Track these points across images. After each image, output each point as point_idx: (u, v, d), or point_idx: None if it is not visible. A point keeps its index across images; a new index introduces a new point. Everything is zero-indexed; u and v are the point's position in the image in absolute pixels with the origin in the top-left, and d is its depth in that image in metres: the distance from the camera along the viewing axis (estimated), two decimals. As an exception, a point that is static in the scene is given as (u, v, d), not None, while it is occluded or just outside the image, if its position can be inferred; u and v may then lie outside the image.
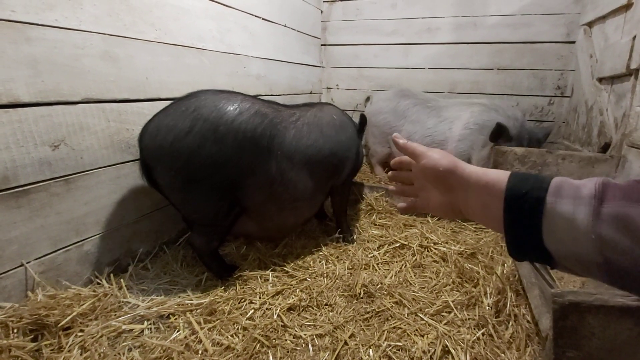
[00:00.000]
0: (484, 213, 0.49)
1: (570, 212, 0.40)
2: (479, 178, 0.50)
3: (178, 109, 1.18)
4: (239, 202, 1.28)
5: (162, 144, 1.13)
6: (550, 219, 0.41)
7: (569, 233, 0.40)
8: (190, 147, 1.13)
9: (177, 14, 1.49)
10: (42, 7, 1.03)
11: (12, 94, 0.98)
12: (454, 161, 0.53)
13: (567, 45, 2.40)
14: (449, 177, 0.53)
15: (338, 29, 2.96)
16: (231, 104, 1.20)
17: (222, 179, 1.19)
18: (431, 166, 0.54)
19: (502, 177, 0.47)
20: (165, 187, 1.24)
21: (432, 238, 1.64)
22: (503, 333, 1.06)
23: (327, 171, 1.47)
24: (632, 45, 1.52)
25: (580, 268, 0.41)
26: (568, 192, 0.41)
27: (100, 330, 0.99)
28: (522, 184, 0.45)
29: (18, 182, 1.02)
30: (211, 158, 1.15)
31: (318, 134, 1.42)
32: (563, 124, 2.53)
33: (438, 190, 0.56)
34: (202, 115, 1.15)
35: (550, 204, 0.41)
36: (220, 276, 1.34)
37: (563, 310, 0.73)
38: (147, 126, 1.20)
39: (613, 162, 1.57)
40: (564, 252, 0.41)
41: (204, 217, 1.27)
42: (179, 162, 1.14)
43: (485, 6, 2.53)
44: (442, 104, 2.28)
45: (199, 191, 1.19)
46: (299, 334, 1.06)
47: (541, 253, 0.43)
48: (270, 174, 1.27)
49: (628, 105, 1.55)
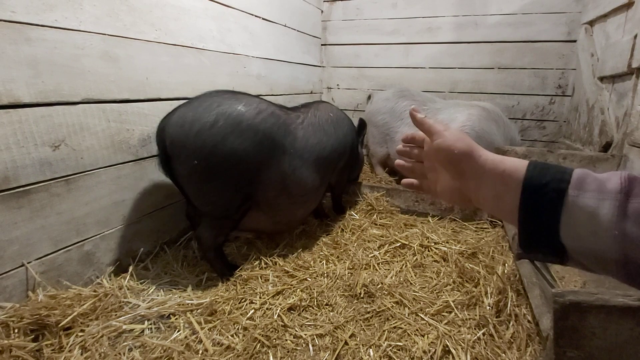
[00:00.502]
0: (497, 204, 0.47)
1: (594, 207, 0.38)
2: (496, 166, 0.46)
3: (201, 104, 1.24)
4: (252, 197, 1.34)
5: (187, 134, 1.19)
6: (570, 213, 0.39)
7: (590, 228, 0.38)
8: (215, 139, 1.19)
9: (177, 14, 1.49)
10: (43, 7, 1.03)
11: (12, 95, 0.99)
12: (471, 145, 0.50)
13: (568, 44, 2.39)
14: (463, 162, 0.49)
15: (338, 29, 2.96)
16: (250, 104, 1.29)
17: (240, 172, 1.26)
18: (446, 147, 0.50)
19: (520, 166, 0.44)
20: (184, 176, 1.27)
21: (432, 238, 1.64)
22: (504, 333, 1.05)
23: (330, 165, 1.60)
24: (633, 44, 1.52)
25: (596, 265, 0.39)
26: (592, 185, 0.39)
27: (100, 330, 0.99)
28: (542, 174, 0.42)
29: (19, 183, 1.02)
30: (233, 151, 1.22)
31: (321, 133, 1.54)
32: (564, 123, 2.52)
33: (449, 173, 0.52)
34: (225, 111, 1.23)
35: (572, 196, 0.39)
36: (222, 274, 1.35)
37: (564, 310, 0.73)
38: (169, 117, 1.25)
39: (614, 161, 1.57)
40: (580, 247, 0.39)
41: (217, 208, 1.30)
42: (203, 152, 1.19)
43: (486, 5, 2.52)
44: (439, 106, 2.27)
45: (217, 182, 1.24)
46: (300, 334, 1.06)
47: (554, 247, 0.41)
48: (283, 171, 1.36)
49: (629, 104, 1.55)
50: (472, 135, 2.02)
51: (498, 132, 2.00)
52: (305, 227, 1.78)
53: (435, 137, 0.53)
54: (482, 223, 1.83)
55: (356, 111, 3.08)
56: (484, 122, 2.02)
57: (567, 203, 0.39)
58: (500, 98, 2.63)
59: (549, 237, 0.41)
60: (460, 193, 0.52)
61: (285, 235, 1.69)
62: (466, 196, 0.51)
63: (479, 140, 1.98)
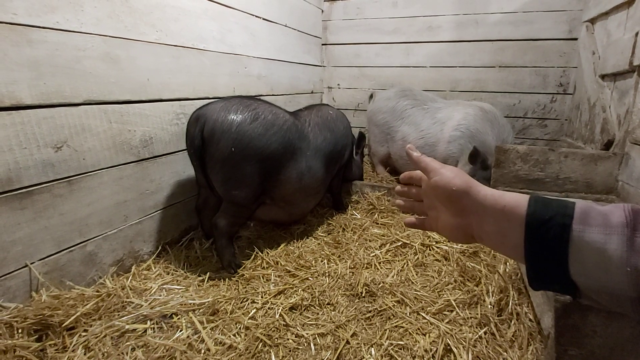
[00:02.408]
0: (500, 240, 0.45)
1: (601, 242, 0.37)
2: (495, 201, 0.46)
3: (242, 102, 1.41)
4: (268, 192, 1.50)
5: (231, 123, 1.33)
6: (577, 249, 0.38)
7: (600, 265, 0.37)
8: (253, 133, 1.36)
9: (177, 15, 1.50)
10: (44, 9, 1.04)
11: (14, 97, 0.99)
12: (469, 181, 0.49)
13: (569, 42, 2.39)
14: (462, 199, 0.48)
15: (339, 28, 2.96)
16: (279, 113, 1.49)
17: (267, 166, 1.42)
18: (443, 185, 0.50)
19: (521, 200, 0.43)
20: (217, 161, 1.35)
21: (434, 237, 1.64)
22: (505, 332, 1.05)
23: (336, 158, 1.79)
24: (634, 41, 1.51)
25: (610, 302, 0.38)
26: (596, 220, 0.38)
27: (103, 330, 1.00)
28: (544, 209, 0.41)
29: (21, 184, 1.03)
30: (267, 146, 1.39)
31: (327, 132, 1.71)
32: (566, 121, 2.51)
33: (449, 211, 0.51)
34: (262, 112, 1.42)
35: (577, 232, 0.38)
36: (228, 265, 1.40)
37: (565, 309, 0.73)
38: (207, 107, 1.37)
39: (616, 159, 1.56)
40: (592, 285, 0.38)
41: (240, 194, 1.40)
42: (242, 142, 1.34)
43: (486, 4, 2.52)
44: (439, 105, 2.27)
45: (247, 170, 1.37)
46: (301, 333, 1.06)
47: (565, 284, 0.40)
48: (300, 171, 1.54)
49: (631, 102, 1.54)
50: (467, 134, 2.02)
51: (492, 132, 2.02)
52: (307, 227, 1.78)
53: (432, 174, 0.52)
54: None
55: (357, 110, 3.08)
56: (479, 122, 2.04)
57: (572, 239, 0.38)
58: (502, 96, 2.63)
59: (558, 274, 0.40)
60: (463, 230, 0.50)
61: (287, 235, 1.69)
62: (468, 233, 0.50)
63: (473, 139, 1.99)
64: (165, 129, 1.49)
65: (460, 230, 0.51)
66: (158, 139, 1.46)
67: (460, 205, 0.49)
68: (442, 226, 0.54)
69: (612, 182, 1.58)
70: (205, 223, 1.60)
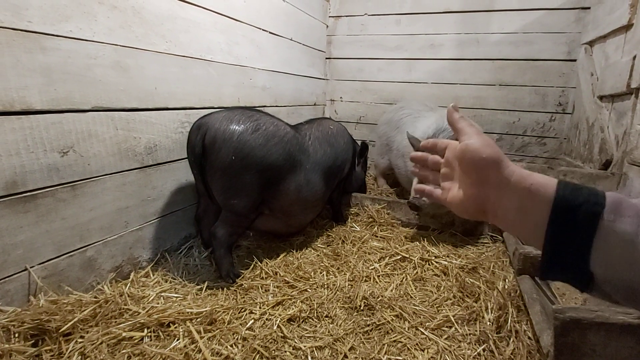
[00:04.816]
0: (520, 217, 0.44)
1: (632, 234, 0.35)
2: (522, 178, 0.44)
3: (243, 113, 1.42)
4: (267, 203, 1.50)
5: (233, 132, 1.35)
6: (604, 238, 0.37)
7: (627, 256, 0.36)
8: (254, 142, 1.38)
9: (187, 27, 1.54)
10: (58, 18, 1.07)
11: (25, 102, 1.01)
12: (500, 154, 0.47)
13: (568, 63, 2.44)
14: (488, 169, 0.46)
15: (343, 43, 3.02)
16: (280, 125, 1.50)
17: (267, 176, 1.42)
18: (473, 149, 0.47)
19: (550, 183, 0.42)
20: (217, 169, 1.36)
21: (433, 251, 1.64)
22: (504, 349, 1.05)
23: (335, 173, 1.79)
24: (632, 64, 1.55)
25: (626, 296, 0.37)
26: (629, 211, 0.37)
27: (100, 336, 0.99)
28: (574, 194, 0.40)
29: (26, 187, 1.04)
30: (267, 156, 1.40)
31: (327, 146, 1.72)
32: (564, 140, 2.54)
33: (469, 179, 0.49)
34: (264, 122, 1.43)
35: (607, 221, 0.37)
36: (227, 274, 1.39)
37: (564, 327, 0.73)
38: (210, 116, 1.39)
39: (614, 179, 1.58)
40: (612, 277, 0.37)
41: (239, 204, 1.40)
42: (243, 151, 1.35)
43: (487, 24, 2.58)
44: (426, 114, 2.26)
45: (247, 179, 1.38)
46: (299, 346, 1.05)
47: (580, 274, 0.39)
48: (299, 183, 1.54)
49: (629, 123, 1.57)
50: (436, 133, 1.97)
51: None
52: (306, 238, 1.78)
53: (466, 138, 0.50)
54: (483, 238, 1.84)
55: (359, 123, 3.11)
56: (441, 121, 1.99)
57: (601, 227, 0.37)
58: (502, 114, 2.67)
59: (577, 262, 0.39)
60: (475, 203, 0.48)
61: (286, 246, 1.69)
62: (481, 207, 0.48)
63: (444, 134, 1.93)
64: (170, 137, 1.51)
65: (473, 202, 0.48)
66: (162, 147, 1.48)
67: (483, 175, 0.47)
68: (454, 196, 0.52)
69: (611, 201, 1.59)
70: (205, 232, 1.60)
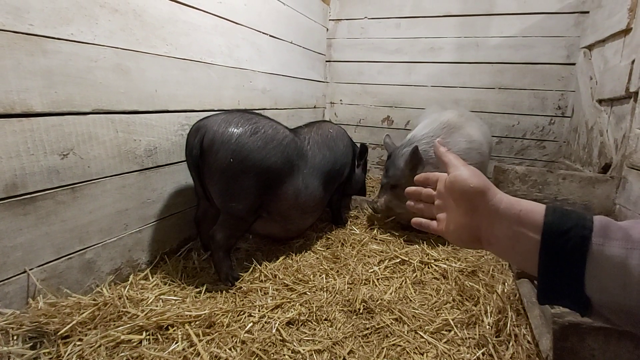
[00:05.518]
0: (511, 245, 0.44)
1: (622, 257, 0.36)
2: (511, 205, 0.45)
3: (242, 116, 1.41)
4: (265, 206, 1.49)
5: (231, 134, 1.34)
6: (596, 263, 0.37)
7: (619, 280, 0.36)
8: (253, 145, 1.37)
9: (188, 30, 1.54)
10: (60, 21, 1.07)
11: (26, 104, 1.01)
12: (487, 183, 0.49)
13: (567, 67, 2.45)
14: (477, 199, 0.48)
15: (343, 47, 3.04)
16: (279, 128, 1.49)
17: (265, 179, 1.41)
18: (461, 180, 0.50)
19: (538, 208, 0.43)
20: (215, 171, 1.35)
21: (432, 254, 1.64)
22: (503, 353, 1.04)
23: (334, 177, 1.78)
24: (631, 68, 1.56)
25: (625, 320, 0.37)
26: (617, 234, 0.37)
27: (99, 339, 0.99)
28: (563, 219, 0.40)
29: (26, 190, 1.04)
30: (266, 159, 1.39)
31: (326, 150, 1.71)
32: (564, 144, 2.55)
33: (461, 209, 0.51)
34: (262, 125, 1.42)
35: (596, 245, 0.37)
36: (225, 277, 1.39)
37: (563, 331, 0.73)
38: (209, 118, 1.38)
39: (613, 182, 1.58)
40: (608, 301, 0.37)
41: (238, 206, 1.39)
42: (241, 153, 1.34)
43: (487, 28, 2.59)
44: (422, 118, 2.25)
45: (245, 182, 1.37)
46: (298, 349, 1.05)
47: (577, 300, 0.39)
48: (297, 187, 1.53)
49: (628, 127, 1.57)
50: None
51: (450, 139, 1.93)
52: (305, 241, 1.78)
53: (453, 170, 0.53)
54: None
55: (358, 126, 3.12)
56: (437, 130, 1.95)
57: (592, 252, 0.37)
58: (501, 117, 2.67)
59: (573, 288, 0.39)
60: (468, 232, 0.50)
61: (286, 249, 1.69)
62: (474, 236, 0.50)
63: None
64: (170, 140, 1.51)
65: (467, 231, 0.50)
66: (162, 149, 1.48)
67: (472, 205, 0.49)
68: (449, 228, 0.54)
69: (610, 205, 1.59)
70: (204, 234, 1.60)
